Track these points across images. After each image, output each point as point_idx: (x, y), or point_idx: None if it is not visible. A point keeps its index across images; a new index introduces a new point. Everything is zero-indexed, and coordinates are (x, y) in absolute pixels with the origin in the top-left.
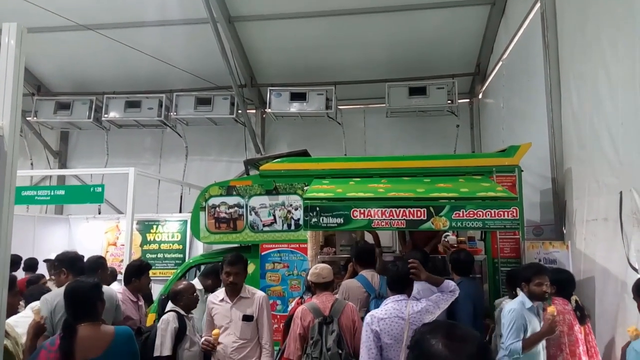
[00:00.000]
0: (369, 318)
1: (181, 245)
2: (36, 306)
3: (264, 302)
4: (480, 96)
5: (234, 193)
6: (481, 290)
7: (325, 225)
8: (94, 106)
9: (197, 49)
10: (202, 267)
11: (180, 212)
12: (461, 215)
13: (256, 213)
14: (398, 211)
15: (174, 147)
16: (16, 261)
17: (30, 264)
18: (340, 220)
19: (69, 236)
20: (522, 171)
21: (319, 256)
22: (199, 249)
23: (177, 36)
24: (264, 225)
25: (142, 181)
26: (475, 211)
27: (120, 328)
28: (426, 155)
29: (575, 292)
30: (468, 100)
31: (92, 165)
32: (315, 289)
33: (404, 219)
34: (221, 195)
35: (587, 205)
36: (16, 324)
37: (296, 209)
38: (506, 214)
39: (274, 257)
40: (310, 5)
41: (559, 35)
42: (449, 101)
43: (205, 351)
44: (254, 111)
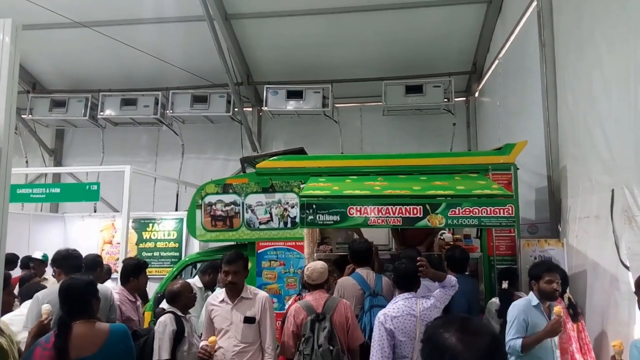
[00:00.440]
0: (382, 317)
1: (177, 244)
2: (47, 307)
3: (266, 303)
4: (476, 94)
5: (231, 191)
6: (476, 288)
7: (321, 222)
8: (89, 104)
9: (194, 46)
10: (198, 265)
11: (177, 210)
12: (457, 212)
13: (252, 211)
14: (394, 209)
15: (170, 145)
16: (13, 260)
17: (26, 262)
18: (337, 218)
19: (65, 234)
20: (518, 169)
21: (315, 254)
22: (195, 247)
23: (173, 34)
24: (260, 223)
25: (138, 179)
26: (471, 209)
27: (115, 325)
28: (422, 153)
29: (567, 289)
30: (464, 98)
31: (88, 163)
32: (309, 287)
33: (401, 216)
34: (217, 193)
35: (580, 202)
36: (11, 321)
37: (292, 206)
38: (502, 211)
39: (271, 255)
40: (307, 3)
41: (555, 34)
42: (446, 99)
43: None
44: (250, 109)
